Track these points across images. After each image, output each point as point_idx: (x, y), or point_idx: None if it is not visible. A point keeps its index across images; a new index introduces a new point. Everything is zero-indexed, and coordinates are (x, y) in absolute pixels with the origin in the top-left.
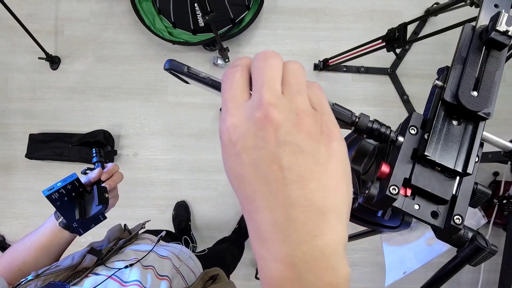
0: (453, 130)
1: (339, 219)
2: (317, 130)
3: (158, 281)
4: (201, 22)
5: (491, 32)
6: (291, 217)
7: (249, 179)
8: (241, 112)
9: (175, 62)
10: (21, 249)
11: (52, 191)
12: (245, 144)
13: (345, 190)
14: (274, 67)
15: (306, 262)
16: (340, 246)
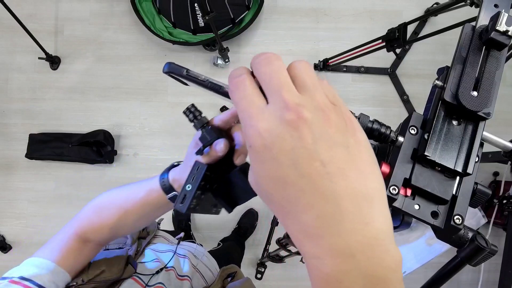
0: (453, 130)
1: (383, 202)
2: (343, 123)
3: (180, 282)
4: (201, 22)
5: (491, 32)
6: (341, 209)
7: (292, 180)
8: (269, 116)
9: (174, 65)
10: (114, 208)
11: (189, 200)
12: (282, 146)
13: (379, 175)
14: (282, 69)
15: (362, 251)
16: (389, 229)
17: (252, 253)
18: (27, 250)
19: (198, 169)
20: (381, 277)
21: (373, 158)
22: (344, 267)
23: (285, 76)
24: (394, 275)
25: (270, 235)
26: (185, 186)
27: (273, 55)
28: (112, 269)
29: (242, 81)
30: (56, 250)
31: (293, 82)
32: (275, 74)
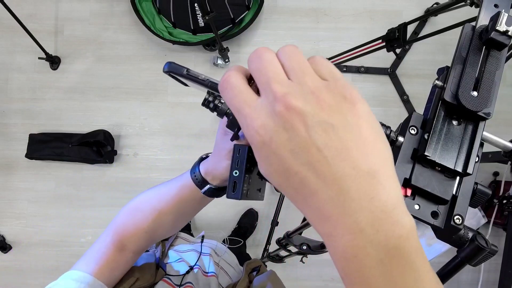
0: (453, 130)
1: (388, 176)
2: (338, 100)
3: (207, 279)
4: (201, 22)
5: (491, 32)
6: (344, 189)
7: (294, 170)
8: (261, 112)
9: (174, 64)
10: (148, 210)
11: (241, 186)
12: (279, 140)
13: (383, 147)
14: (271, 61)
15: (372, 225)
16: (397, 200)
17: (252, 253)
18: (27, 250)
19: (240, 152)
20: (394, 247)
21: (375, 129)
22: (356, 243)
23: (274, 67)
24: (407, 243)
25: (270, 235)
26: (232, 173)
27: (262, 49)
28: (145, 275)
29: (227, 79)
30: (93, 262)
31: (284, 70)
32: (263, 67)
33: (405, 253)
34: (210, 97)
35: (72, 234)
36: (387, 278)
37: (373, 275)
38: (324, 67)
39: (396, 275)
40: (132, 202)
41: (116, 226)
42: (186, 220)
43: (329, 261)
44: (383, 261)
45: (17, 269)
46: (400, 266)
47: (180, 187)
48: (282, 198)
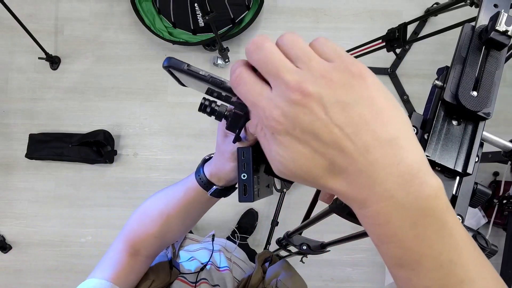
0: (453, 130)
1: (409, 140)
2: (347, 77)
3: (221, 274)
4: (201, 22)
5: (491, 32)
6: (370, 160)
7: (320, 151)
8: (278, 102)
9: (175, 59)
10: (156, 215)
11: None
12: (301, 125)
13: (399, 113)
14: (274, 51)
15: (401, 189)
16: (421, 161)
17: None
18: (27, 250)
19: (245, 155)
20: (425, 207)
21: (388, 99)
22: (388, 209)
23: (278, 56)
24: (437, 202)
25: (270, 235)
26: (240, 176)
27: (260, 38)
28: (160, 276)
29: (240, 75)
30: (108, 269)
31: (287, 57)
32: (268, 58)
33: (436, 212)
34: (206, 102)
35: (72, 234)
36: (421, 238)
37: (408, 237)
38: (327, 47)
39: (429, 234)
40: (140, 208)
41: (127, 233)
42: (194, 222)
43: (329, 261)
44: (416, 222)
45: (17, 269)
46: (433, 225)
47: (186, 190)
48: (282, 198)
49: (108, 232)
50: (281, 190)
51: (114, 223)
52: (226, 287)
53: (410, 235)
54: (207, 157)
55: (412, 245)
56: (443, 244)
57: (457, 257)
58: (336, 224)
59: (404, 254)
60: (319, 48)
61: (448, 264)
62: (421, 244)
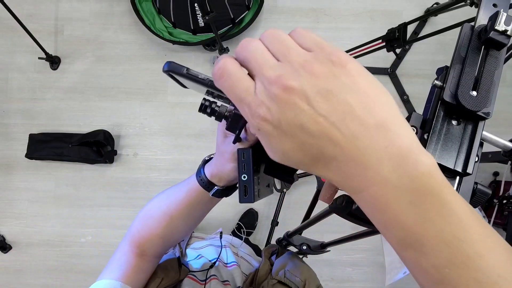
0: (452, 130)
1: (396, 121)
2: (328, 66)
3: (230, 270)
4: (201, 22)
5: (490, 32)
6: (359, 147)
7: (308, 142)
8: (262, 97)
9: (174, 64)
10: (160, 216)
11: (252, 190)
12: (286, 119)
13: (384, 97)
14: (257, 48)
15: (393, 171)
16: (411, 142)
17: None
18: (27, 250)
19: (245, 156)
20: (420, 186)
21: (372, 83)
22: (384, 192)
23: (261, 53)
24: (431, 179)
25: (270, 235)
26: (240, 177)
27: (246, 39)
28: (169, 274)
29: (223, 67)
30: (116, 269)
31: (271, 53)
32: (252, 55)
33: (432, 189)
34: (206, 102)
35: (72, 234)
36: (421, 218)
37: (407, 217)
38: (306, 38)
39: (429, 213)
40: (144, 209)
41: (132, 234)
42: (198, 222)
43: (329, 261)
44: (413, 201)
45: (17, 269)
46: (431, 203)
47: (188, 191)
48: (282, 198)
49: (108, 232)
50: (281, 190)
51: (114, 223)
52: (235, 282)
53: (410, 216)
54: (207, 158)
55: (413, 226)
56: (445, 221)
57: (462, 232)
58: (336, 224)
59: (407, 235)
60: (297, 39)
61: (453, 240)
62: (422, 223)
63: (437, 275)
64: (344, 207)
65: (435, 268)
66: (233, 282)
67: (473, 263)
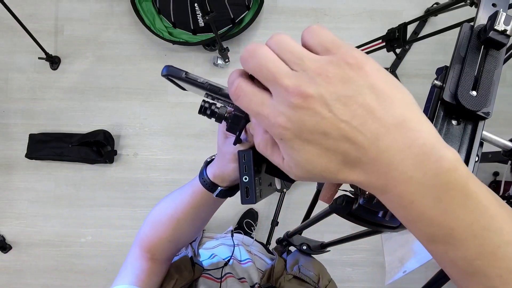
0: (452, 130)
1: (416, 119)
2: (345, 70)
3: (244, 266)
4: (201, 22)
5: (489, 32)
6: (382, 148)
7: (333, 148)
8: (281, 108)
9: (173, 68)
10: (167, 220)
11: (253, 191)
12: (308, 127)
13: (402, 95)
14: (267, 57)
15: (418, 170)
16: (434, 138)
17: None
18: (27, 250)
19: (246, 158)
20: (445, 181)
21: (389, 82)
22: (409, 191)
23: (272, 61)
24: (456, 174)
25: (270, 235)
26: (242, 179)
27: (253, 46)
28: (183, 274)
29: (238, 87)
30: (130, 275)
31: (281, 60)
32: (263, 65)
33: (458, 184)
34: (206, 104)
35: (72, 234)
36: (448, 212)
37: (435, 214)
38: (322, 37)
39: (456, 207)
40: (151, 214)
41: (141, 239)
42: (205, 222)
43: (329, 261)
44: (440, 198)
45: (17, 269)
46: (457, 197)
47: (192, 194)
48: (282, 198)
49: (108, 232)
50: (281, 190)
51: (114, 223)
52: (252, 279)
53: (437, 211)
54: (209, 159)
55: (440, 221)
56: (473, 213)
57: (490, 223)
58: (336, 224)
59: (435, 230)
60: (310, 40)
61: (482, 232)
62: (450, 218)
63: (468, 267)
64: (344, 207)
65: (465, 261)
66: (250, 278)
67: (503, 252)
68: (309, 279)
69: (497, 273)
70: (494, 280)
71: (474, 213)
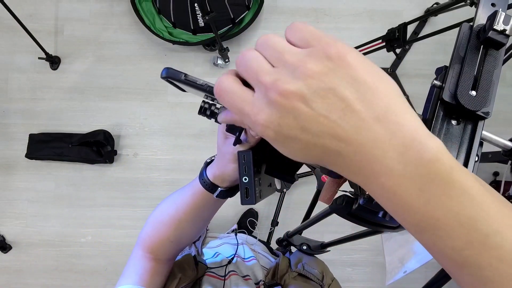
0: (452, 130)
1: (398, 112)
2: (324, 62)
3: (248, 264)
4: (201, 22)
5: (489, 31)
6: (362, 141)
7: (312, 143)
8: (260, 105)
9: (172, 70)
10: (168, 221)
11: (253, 192)
12: (287, 123)
13: (385, 86)
14: (253, 57)
15: (399, 162)
16: (415, 129)
17: None
18: (27, 250)
19: (245, 158)
20: (427, 172)
21: (371, 72)
22: (391, 182)
23: (257, 61)
24: (439, 164)
25: (270, 235)
26: (241, 180)
27: (246, 49)
28: (186, 272)
29: (220, 84)
30: (134, 275)
31: (266, 60)
32: (249, 64)
33: (440, 172)
34: (205, 105)
35: (72, 234)
36: (432, 203)
37: (418, 204)
38: (303, 32)
39: (439, 197)
40: (152, 215)
41: (143, 240)
42: (207, 222)
43: (329, 261)
44: (423, 188)
45: (17, 269)
46: (440, 187)
47: (193, 194)
48: (282, 198)
49: (108, 232)
50: (281, 190)
51: (114, 223)
52: (256, 276)
53: (420, 202)
54: (209, 160)
55: (425, 211)
56: (458, 203)
57: (477, 212)
58: (336, 224)
59: (420, 220)
60: (292, 36)
61: (468, 221)
62: (434, 208)
63: (458, 258)
64: (344, 207)
65: (454, 251)
66: (254, 276)
67: (493, 241)
68: (313, 276)
69: (488, 263)
70: (485, 270)
71: (459, 203)
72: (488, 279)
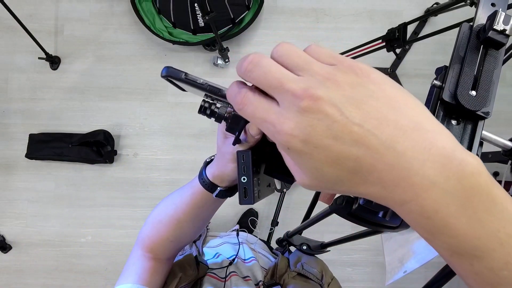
0: (452, 130)
1: (433, 123)
2: (352, 77)
3: (248, 265)
4: (201, 22)
5: (489, 31)
6: (399, 151)
7: (344, 154)
8: (288, 114)
9: (173, 69)
10: (167, 220)
11: (251, 192)
12: (318, 132)
13: (413, 100)
14: (272, 65)
15: (440, 174)
16: (453, 141)
17: None
18: (27, 250)
19: (244, 158)
20: (470, 186)
21: (398, 89)
22: (432, 199)
23: (278, 69)
24: (480, 178)
25: (270, 235)
26: (240, 180)
27: (255, 56)
28: (187, 272)
29: (245, 96)
30: (132, 274)
31: (288, 69)
32: (268, 73)
33: (481, 188)
34: (206, 104)
35: (72, 234)
36: (474, 221)
37: (460, 223)
38: (323, 54)
39: (481, 214)
40: (152, 214)
41: (143, 240)
42: (206, 222)
43: (329, 261)
44: (465, 205)
45: (17, 269)
46: (482, 203)
47: (192, 194)
48: (282, 198)
49: (108, 232)
50: (281, 190)
51: (114, 223)
52: (255, 277)
53: (462, 220)
54: (208, 160)
55: (466, 231)
56: (498, 220)
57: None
58: (336, 224)
59: (460, 242)
60: (314, 55)
61: (508, 239)
62: (476, 226)
63: (494, 278)
64: (344, 207)
65: (492, 272)
66: (254, 277)
67: None
68: (313, 276)
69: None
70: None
71: (501, 220)
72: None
